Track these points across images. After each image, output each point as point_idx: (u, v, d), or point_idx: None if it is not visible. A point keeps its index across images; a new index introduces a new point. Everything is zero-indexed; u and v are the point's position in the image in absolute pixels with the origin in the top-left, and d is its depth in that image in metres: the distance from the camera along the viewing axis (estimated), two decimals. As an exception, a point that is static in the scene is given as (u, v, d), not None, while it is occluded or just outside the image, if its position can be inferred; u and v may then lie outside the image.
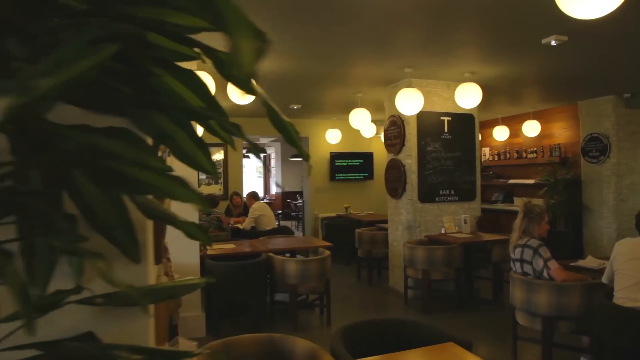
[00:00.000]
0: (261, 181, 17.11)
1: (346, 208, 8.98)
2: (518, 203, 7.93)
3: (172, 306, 3.48)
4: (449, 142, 5.65)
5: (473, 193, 5.77)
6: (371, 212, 8.89)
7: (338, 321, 4.74)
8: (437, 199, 5.57)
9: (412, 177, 5.49)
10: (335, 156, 9.34)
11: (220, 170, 8.74)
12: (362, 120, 6.31)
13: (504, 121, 8.21)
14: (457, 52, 4.40)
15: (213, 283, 3.98)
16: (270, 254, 4.56)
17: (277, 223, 7.39)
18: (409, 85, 5.18)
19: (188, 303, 4.32)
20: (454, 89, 5.12)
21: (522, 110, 7.84)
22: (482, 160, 9.10)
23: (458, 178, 5.68)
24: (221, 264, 4.31)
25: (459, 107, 5.27)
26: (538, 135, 7.48)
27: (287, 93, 6.46)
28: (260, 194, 17.76)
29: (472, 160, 5.79)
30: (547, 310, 3.15)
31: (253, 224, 6.81)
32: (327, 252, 4.70)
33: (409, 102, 4.83)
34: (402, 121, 5.56)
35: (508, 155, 8.48)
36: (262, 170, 17.67)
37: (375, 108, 6.99)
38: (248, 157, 16.25)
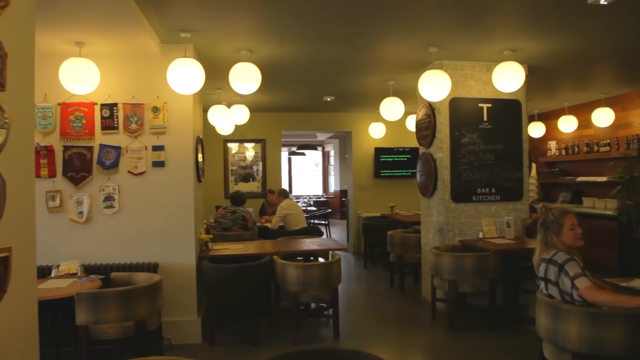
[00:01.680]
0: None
1: (391, 207, 8.34)
2: (588, 204, 6.82)
3: (146, 310, 3.20)
4: (488, 133, 4.87)
5: (519, 192, 4.93)
6: (419, 212, 8.16)
7: (349, 334, 4.24)
8: (474, 198, 4.82)
9: (444, 173, 4.80)
10: (380, 151, 8.73)
11: (259, 167, 8.50)
12: (394, 111, 5.71)
13: (571, 110, 7.10)
14: (488, 22, 3.67)
15: (209, 286, 3.64)
16: (276, 257, 4.15)
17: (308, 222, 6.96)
18: (440, 68, 4.49)
19: (182, 306, 4.06)
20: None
21: (591, 97, 6.72)
22: (548, 155, 8.01)
23: (500, 174, 4.87)
24: (217, 266, 3.99)
25: (502, 92, 4.50)
26: (612, 125, 6.34)
27: (314, 83, 6.01)
28: (319, 191, 17.51)
29: (518, 153, 4.94)
30: (578, 345, 2.42)
31: (281, 223, 6.46)
32: (337, 256, 4.20)
33: (433, 86, 4.17)
34: (433, 109, 4.88)
35: (577, 149, 7.34)
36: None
37: (416, 98, 6.32)
38: (304, 154, 16.06)
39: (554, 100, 7.12)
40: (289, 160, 17.14)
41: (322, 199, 16.39)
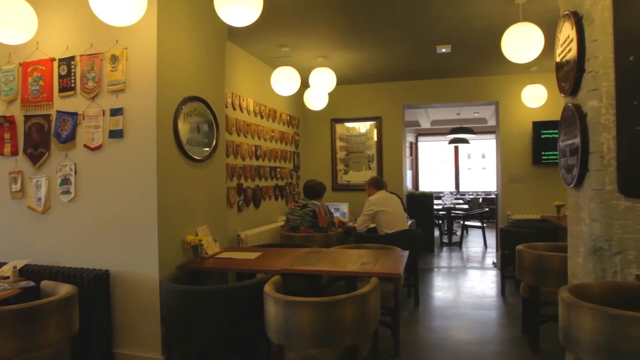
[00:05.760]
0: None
1: (558, 207, 5.73)
2: None
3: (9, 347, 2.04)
4: None
5: None
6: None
7: None
8: (673, 190, 2.34)
9: (603, 140, 2.43)
10: (540, 126, 6.12)
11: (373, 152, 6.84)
12: (524, 45, 3.47)
13: None
14: None
15: (162, 315, 2.31)
16: (269, 282, 2.57)
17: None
18: None
19: (141, 337, 2.84)
20: None
21: None
22: None
23: None
24: (173, 287, 2.63)
25: None
26: None
27: (402, 19, 4.13)
28: (493, 187, 14.60)
29: None
30: None
31: (371, 224, 4.74)
32: (364, 290, 2.37)
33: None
34: (578, 19, 2.56)
35: None
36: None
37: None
38: (467, 141, 13.46)
39: None
40: (456, 149, 14.81)
41: (492, 196, 13.54)
